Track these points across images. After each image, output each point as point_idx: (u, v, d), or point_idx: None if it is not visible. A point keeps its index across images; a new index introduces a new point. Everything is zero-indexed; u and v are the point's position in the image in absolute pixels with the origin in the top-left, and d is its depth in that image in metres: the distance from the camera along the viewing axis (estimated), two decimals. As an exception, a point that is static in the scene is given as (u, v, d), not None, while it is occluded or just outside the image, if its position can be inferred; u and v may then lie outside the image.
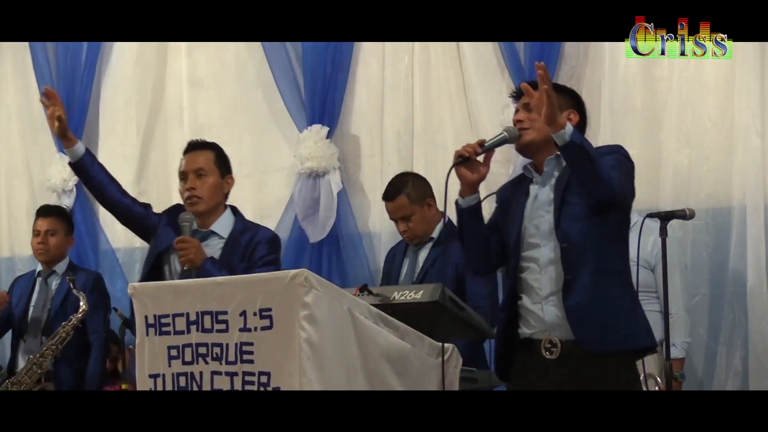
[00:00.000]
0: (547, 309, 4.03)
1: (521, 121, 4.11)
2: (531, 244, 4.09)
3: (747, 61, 5.59)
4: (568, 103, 4.17)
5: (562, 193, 4.02)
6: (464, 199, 4.13)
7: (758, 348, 5.48)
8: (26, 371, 6.20)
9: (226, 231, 5.06)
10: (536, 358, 4.05)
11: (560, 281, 4.01)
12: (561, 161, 4.09)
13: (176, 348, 3.89)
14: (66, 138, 5.15)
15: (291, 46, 6.83)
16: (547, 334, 4.03)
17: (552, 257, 4.03)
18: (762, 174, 5.56)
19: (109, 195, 5.22)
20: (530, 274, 4.08)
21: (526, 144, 4.11)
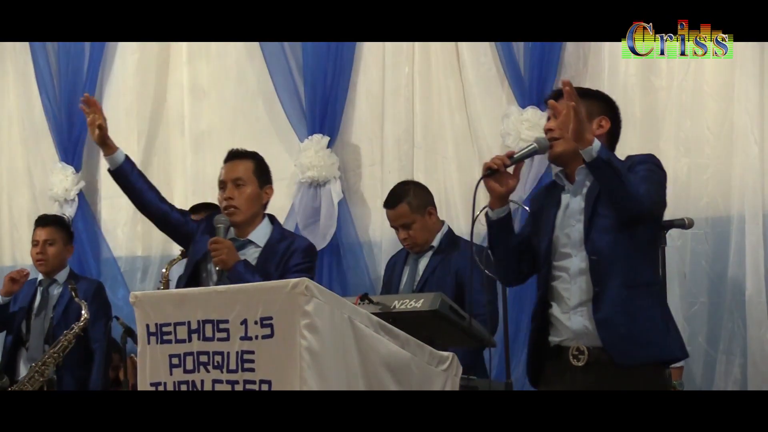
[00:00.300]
0: (574, 319, 4.04)
1: (552, 130, 4.10)
2: (562, 253, 4.09)
3: (746, 70, 5.59)
4: (600, 109, 4.14)
5: (593, 205, 4.01)
6: (494, 212, 4.10)
7: (757, 356, 5.48)
8: (28, 379, 6.21)
9: (263, 240, 5.06)
10: (564, 365, 4.06)
11: (590, 292, 4.01)
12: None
13: (178, 356, 3.89)
14: (106, 146, 5.14)
15: (291, 55, 6.84)
16: (575, 341, 4.04)
17: (582, 267, 4.03)
18: (761, 182, 5.56)
19: (148, 202, 5.20)
20: (561, 283, 4.09)
21: (558, 155, 4.10)
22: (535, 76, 6.05)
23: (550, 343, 4.13)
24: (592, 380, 3.99)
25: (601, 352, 4.00)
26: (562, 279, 4.10)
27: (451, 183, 6.33)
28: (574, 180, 4.12)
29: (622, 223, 3.97)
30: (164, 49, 7.37)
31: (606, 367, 3.98)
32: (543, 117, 6.00)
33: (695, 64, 5.77)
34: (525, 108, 6.08)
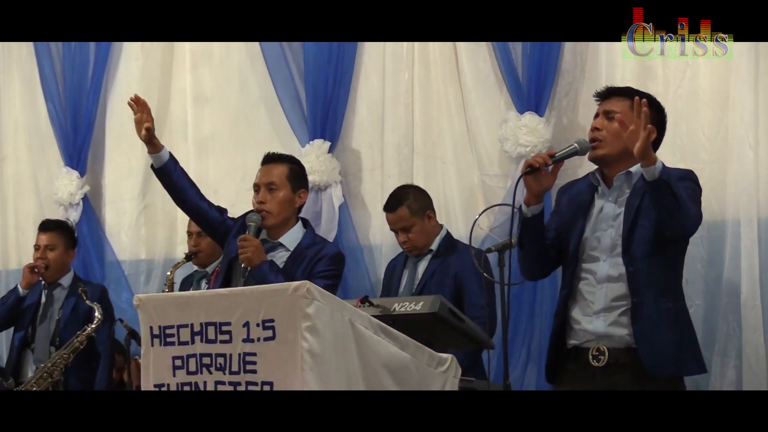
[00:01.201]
0: (596, 323, 4.04)
1: (599, 130, 4.08)
2: (591, 256, 4.09)
3: (740, 76, 5.60)
4: (652, 117, 4.07)
5: (634, 216, 4.00)
6: (529, 208, 4.09)
7: (752, 358, 5.48)
8: (36, 380, 6.23)
9: (293, 244, 5.07)
10: (584, 367, 4.06)
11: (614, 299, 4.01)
12: (631, 179, 4.07)
13: (181, 358, 3.89)
14: (152, 144, 5.16)
15: (293, 62, 6.85)
16: (595, 342, 4.04)
17: (610, 274, 4.03)
18: (755, 187, 5.56)
19: (189, 199, 5.21)
20: (586, 286, 4.09)
21: (599, 158, 4.09)
22: (533, 81, 6.06)
23: (568, 345, 4.13)
24: (612, 382, 3.99)
25: (620, 354, 4.00)
26: (587, 282, 4.09)
27: (450, 187, 6.33)
28: (612, 185, 4.09)
29: (661, 238, 3.95)
30: (168, 56, 7.38)
31: (627, 369, 3.98)
32: (541, 122, 6.02)
33: (691, 71, 5.77)
34: (523, 113, 6.08)
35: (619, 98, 4.14)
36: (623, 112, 4.09)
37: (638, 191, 4.03)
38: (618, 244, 4.05)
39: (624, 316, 4.02)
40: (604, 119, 4.09)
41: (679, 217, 3.89)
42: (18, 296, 6.57)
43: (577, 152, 4.09)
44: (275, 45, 6.86)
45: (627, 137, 3.86)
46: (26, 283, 6.54)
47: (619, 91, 4.20)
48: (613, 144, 4.04)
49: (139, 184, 7.41)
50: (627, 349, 4.01)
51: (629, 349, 4.01)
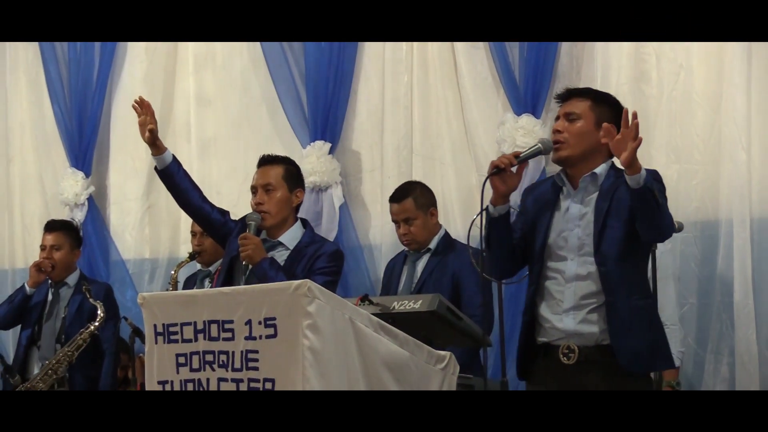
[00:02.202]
0: (566, 321, 4.03)
1: (560, 132, 4.08)
2: (558, 255, 4.08)
3: (733, 80, 5.61)
4: (611, 117, 4.08)
5: (604, 217, 3.99)
6: (496, 208, 4.08)
7: (744, 356, 5.48)
8: (41, 377, 6.23)
9: (293, 243, 5.08)
10: (554, 363, 4.05)
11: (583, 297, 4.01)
12: (596, 180, 4.07)
13: (184, 355, 3.89)
14: (155, 146, 5.16)
15: (294, 65, 6.85)
16: (565, 340, 4.03)
17: (578, 273, 4.02)
18: (748, 188, 5.57)
19: (192, 201, 5.22)
20: (554, 284, 4.08)
21: (562, 159, 4.09)
22: (530, 84, 6.06)
23: (538, 341, 4.12)
24: (583, 379, 3.99)
25: (591, 351, 4.00)
26: (555, 281, 4.09)
27: (448, 188, 6.33)
28: (577, 185, 4.10)
29: (632, 239, 3.96)
30: (171, 58, 7.38)
31: (598, 366, 3.98)
32: (537, 124, 6.02)
33: (685, 74, 5.79)
34: (520, 115, 6.09)
35: (579, 99, 4.14)
36: (583, 112, 4.09)
37: (606, 193, 4.03)
38: (585, 243, 4.04)
39: (593, 314, 4.01)
40: (565, 121, 4.09)
41: (659, 225, 3.90)
42: (25, 295, 6.57)
43: (540, 152, 4.10)
44: (277, 48, 6.86)
45: (613, 145, 3.85)
46: (33, 281, 6.55)
47: (578, 92, 4.20)
48: (575, 145, 4.05)
49: (143, 185, 7.41)
50: (597, 347, 4.00)
51: (599, 346, 4.00)
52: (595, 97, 4.16)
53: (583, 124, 4.08)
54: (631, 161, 3.79)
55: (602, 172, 4.08)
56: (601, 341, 4.00)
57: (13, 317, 6.65)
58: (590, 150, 4.08)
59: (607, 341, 3.98)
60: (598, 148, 4.08)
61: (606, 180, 4.06)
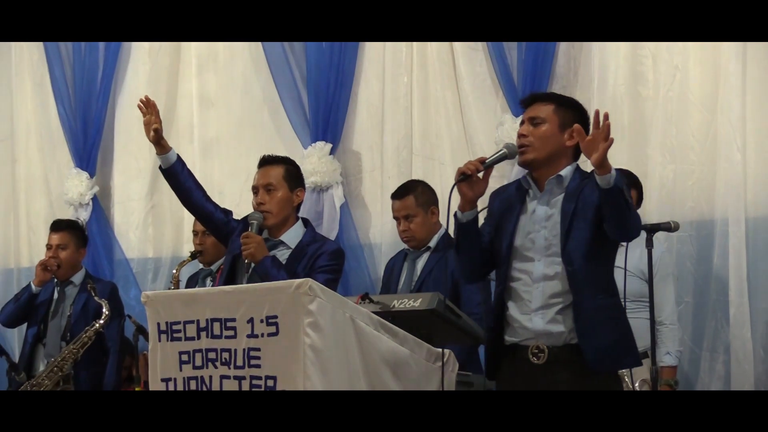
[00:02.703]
0: (535, 320, 4.02)
1: (525, 136, 4.08)
2: (525, 257, 4.07)
3: (728, 81, 5.61)
4: (574, 120, 4.08)
5: (570, 219, 3.99)
6: (464, 214, 4.08)
7: (739, 353, 5.49)
8: (47, 374, 6.23)
9: (294, 242, 5.09)
10: (523, 363, 4.04)
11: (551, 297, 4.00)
12: (562, 182, 4.07)
13: (187, 353, 3.90)
14: (160, 145, 5.17)
15: (296, 66, 6.85)
16: (534, 340, 4.03)
17: (546, 273, 4.01)
18: (743, 188, 5.57)
19: (195, 200, 5.23)
20: (521, 285, 4.06)
21: (528, 162, 4.08)
22: (528, 85, 6.06)
23: (506, 342, 4.11)
24: (552, 379, 3.97)
25: (560, 351, 3.99)
26: (523, 281, 4.06)
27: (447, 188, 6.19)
28: (543, 188, 4.10)
29: (598, 239, 3.96)
30: (174, 60, 7.38)
31: (567, 366, 3.97)
32: (535, 125, 6.02)
33: (681, 75, 5.79)
34: (518, 116, 6.07)
35: (543, 103, 4.13)
36: (547, 116, 4.08)
37: (571, 195, 4.02)
38: (552, 244, 4.03)
39: (561, 314, 4.00)
40: (529, 125, 4.09)
41: (627, 224, 3.90)
42: (31, 293, 6.58)
43: (506, 157, 4.08)
44: (278, 50, 6.87)
45: (584, 147, 3.85)
46: (39, 280, 6.56)
47: (542, 97, 4.20)
48: (540, 148, 4.04)
49: (146, 185, 7.41)
50: (565, 346, 3.99)
51: (567, 345, 3.98)
52: (558, 101, 4.15)
53: (547, 128, 4.07)
54: (601, 161, 3.79)
55: (567, 174, 4.07)
56: (569, 340, 3.97)
57: (19, 315, 6.66)
58: (555, 153, 4.07)
59: (575, 340, 3.97)
60: (562, 150, 4.08)
61: (571, 182, 4.06)
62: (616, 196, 3.82)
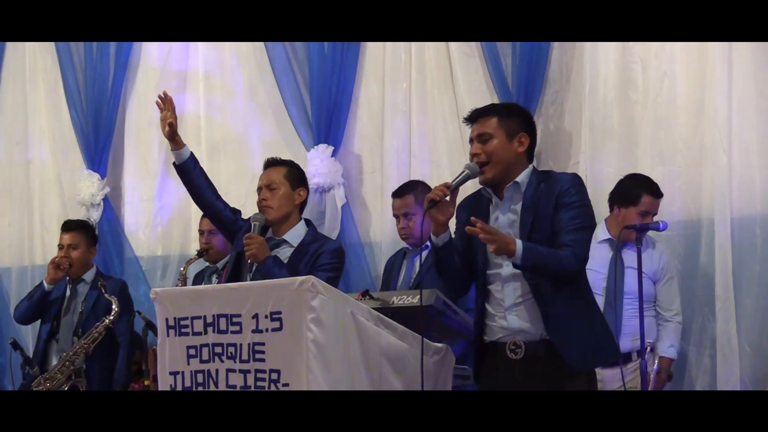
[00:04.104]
0: (510, 318, 4.01)
1: (478, 155, 4.05)
2: (494, 263, 4.06)
3: (715, 86, 5.61)
4: (520, 126, 4.08)
5: (528, 232, 3.97)
6: (438, 238, 4.03)
7: (725, 348, 5.49)
8: (59, 368, 6.23)
9: (297, 240, 5.11)
10: (502, 359, 4.03)
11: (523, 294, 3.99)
12: (519, 188, 4.05)
13: (194, 347, 3.90)
14: (174, 141, 5.19)
15: (299, 72, 6.84)
16: (511, 337, 4.01)
17: (513, 273, 4.00)
18: (728, 189, 5.57)
19: (205, 198, 5.25)
20: (494, 287, 4.06)
21: (489, 180, 4.05)
22: (522, 90, 6.06)
23: (486, 341, 4.10)
24: (530, 373, 3.96)
25: (536, 346, 3.98)
26: (495, 284, 4.06)
27: (444, 189, 6.32)
28: (503, 196, 4.08)
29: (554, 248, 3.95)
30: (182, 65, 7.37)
31: (543, 361, 3.96)
32: (529, 128, 6.02)
33: (669, 81, 5.79)
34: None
35: (486, 118, 4.09)
36: (494, 130, 4.05)
37: (528, 203, 4.00)
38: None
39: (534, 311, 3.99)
40: (478, 143, 4.06)
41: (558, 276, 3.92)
42: (43, 291, 6.58)
43: (469, 177, 4.03)
44: (282, 56, 6.86)
45: (482, 239, 3.84)
46: (51, 278, 6.55)
47: (483, 111, 4.14)
48: (496, 163, 4.02)
49: (155, 186, 7.41)
50: (541, 341, 3.98)
51: (543, 341, 3.98)
52: (499, 113, 4.11)
53: (497, 142, 4.03)
54: (501, 250, 3.82)
55: (523, 180, 4.05)
56: (545, 336, 3.97)
57: (33, 313, 6.66)
58: (510, 164, 4.04)
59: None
60: (516, 159, 4.06)
61: (528, 187, 4.04)
62: (530, 269, 3.89)
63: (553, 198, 3.96)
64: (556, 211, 3.96)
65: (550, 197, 3.96)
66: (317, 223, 6.46)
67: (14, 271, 7.86)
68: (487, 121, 4.06)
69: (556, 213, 3.95)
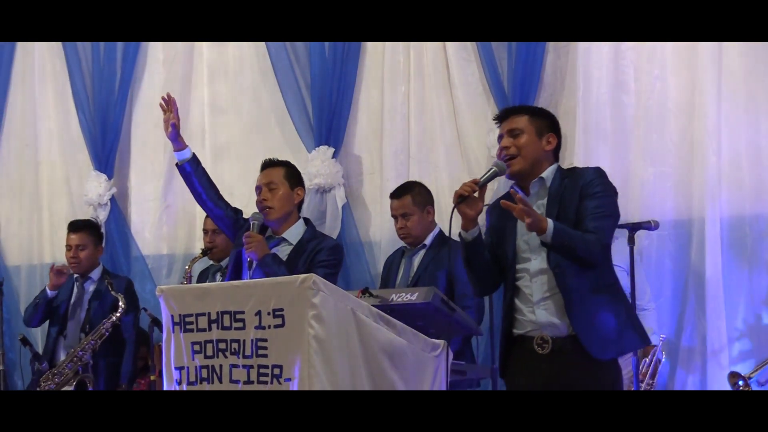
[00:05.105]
0: (538, 312, 4.01)
1: (508, 147, 4.07)
2: (523, 257, 4.06)
3: (704, 90, 5.62)
4: (548, 127, 4.14)
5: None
6: (468, 233, 4.03)
7: (715, 344, 5.49)
8: (67, 363, 6.22)
9: (296, 239, 5.14)
10: (529, 353, 4.02)
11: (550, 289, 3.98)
12: (545, 184, 4.06)
13: (199, 343, 3.90)
14: (177, 142, 5.21)
15: (301, 76, 6.84)
16: (538, 332, 4.01)
17: (541, 267, 4.00)
18: (718, 189, 5.58)
19: (207, 198, 5.28)
20: (523, 282, 4.06)
21: (516, 173, 4.08)
22: (518, 94, 6.06)
23: (514, 334, 4.09)
24: (556, 368, 3.96)
25: (564, 341, 3.97)
26: (524, 279, 4.06)
27: (442, 189, 6.32)
28: (529, 192, 4.09)
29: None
30: (187, 70, 7.36)
31: (570, 355, 3.95)
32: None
33: (660, 85, 5.80)
34: (508, 123, 6.07)
35: (517, 115, 4.14)
36: (524, 126, 4.09)
37: (554, 198, 4.02)
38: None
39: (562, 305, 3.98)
40: (509, 137, 4.09)
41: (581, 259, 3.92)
42: (47, 298, 6.56)
43: (497, 174, 4.06)
44: (285, 60, 6.86)
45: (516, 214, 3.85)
46: (52, 285, 6.55)
47: (515, 110, 4.22)
48: (524, 157, 4.05)
49: (161, 187, 7.40)
50: (569, 337, 3.97)
51: (570, 336, 3.97)
52: (530, 112, 4.18)
53: (526, 138, 4.08)
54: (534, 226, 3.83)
55: (549, 176, 4.08)
56: (572, 331, 3.96)
57: (40, 317, 6.66)
58: (537, 159, 4.08)
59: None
60: (543, 156, 4.10)
61: (553, 183, 4.07)
62: (558, 248, 3.88)
63: (577, 190, 3.98)
64: (580, 201, 3.97)
65: (574, 189, 3.98)
66: (318, 222, 6.45)
67: (24, 269, 7.85)
68: (518, 118, 4.12)
69: (580, 202, 3.97)
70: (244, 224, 5.19)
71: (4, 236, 7.95)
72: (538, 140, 4.09)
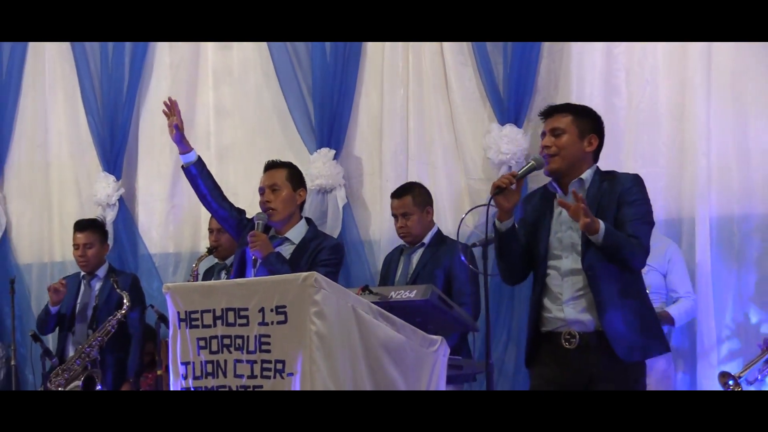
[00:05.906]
0: (567, 310, 4.02)
1: (549, 147, 4.07)
2: (555, 255, 4.07)
3: (695, 91, 5.63)
4: (591, 128, 4.12)
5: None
6: (502, 224, 4.05)
7: (705, 341, 5.50)
8: (75, 358, 6.23)
9: (298, 238, 5.14)
10: (557, 348, 4.04)
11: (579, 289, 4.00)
12: (583, 185, 4.07)
13: (204, 339, 3.90)
14: (182, 144, 5.20)
15: (303, 79, 6.84)
16: (566, 327, 4.02)
17: (573, 268, 4.02)
18: (707, 189, 5.59)
19: (211, 200, 5.28)
20: (552, 280, 4.07)
21: (554, 171, 4.08)
22: (513, 97, 6.07)
23: (542, 330, 4.10)
24: (583, 362, 3.97)
25: (590, 337, 3.98)
26: (553, 276, 4.07)
27: (440, 189, 6.33)
28: (567, 191, 4.08)
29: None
30: (193, 74, 7.37)
31: (596, 351, 3.97)
32: (519, 133, 6.03)
33: (651, 88, 5.81)
34: (504, 125, 6.09)
35: (562, 115, 4.13)
36: (567, 127, 4.09)
37: (592, 199, 4.02)
38: (577, 243, 4.03)
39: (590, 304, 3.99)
40: (551, 136, 4.09)
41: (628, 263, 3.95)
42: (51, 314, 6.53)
43: (534, 168, 4.07)
44: (287, 64, 6.86)
45: (572, 212, 3.88)
46: (53, 302, 6.50)
47: (560, 108, 4.19)
48: (564, 157, 4.05)
49: (168, 187, 7.40)
50: (595, 332, 3.99)
51: (597, 332, 3.99)
52: (575, 112, 4.16)
53: (568, 138, 4.08)
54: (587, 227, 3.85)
55: (588, 178, 4.09)
56: (599, 327, 3.98)
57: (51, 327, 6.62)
58: (577, 159, 4.08)
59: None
60: (583, 156, 4.09)
61: (592, 185, 4.07)
62: (608, 249, 3.89)
63: (615, 196, 3.99)
64: (619, 208, 3.99)
65: (612, 195, 3.99)
66: (320, 222, 6.46)
67: (35, 267, 7.85)
68: (562, 117, 4.11)
69: (619, 210, 3.98)
70: (248, 224, 5.20)
71: (16, 235, 7.95)
72: (579, 141, 4.08)
